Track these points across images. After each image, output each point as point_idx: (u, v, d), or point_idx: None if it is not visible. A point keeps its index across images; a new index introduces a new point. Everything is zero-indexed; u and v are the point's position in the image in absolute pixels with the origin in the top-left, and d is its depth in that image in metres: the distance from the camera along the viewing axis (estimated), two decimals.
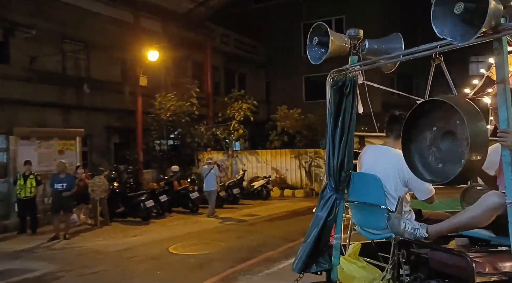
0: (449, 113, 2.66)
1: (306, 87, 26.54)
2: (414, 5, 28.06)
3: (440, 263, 2.69)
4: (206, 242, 9.60)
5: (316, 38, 3.51)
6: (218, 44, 22.45)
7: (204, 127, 18.02)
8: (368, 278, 2.95)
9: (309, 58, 3.65)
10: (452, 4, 2.36)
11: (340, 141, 3.37)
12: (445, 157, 2.72)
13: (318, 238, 3.41)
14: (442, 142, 2.75)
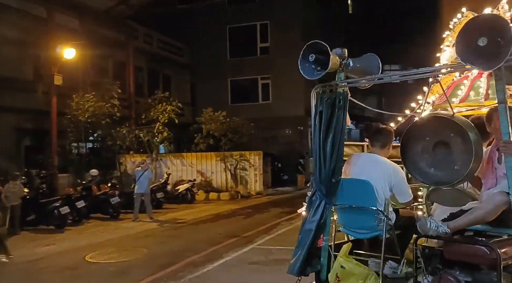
0: (442, 126, 3.24)
1: (232, 90, 26.66)
2: (335, 13, 29.49)
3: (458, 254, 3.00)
4: (126, 248, 9.20)
5: (313, 55, 3.76)
6: (141, 44, 21.77)
7: (126, 130, 17.34)
8: (364, 274, 3.30)
9: (303, 73, 3.88)
10: (475, 38, 2.75)
11: (332, 151, 3.54)
12: (437, 162, 3.29)
13: (312, 242, 3.59)
14: (434, 150, 3.30)
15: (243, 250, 8.79)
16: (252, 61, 26.01)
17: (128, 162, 18.69)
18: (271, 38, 25.63)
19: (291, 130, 25.29)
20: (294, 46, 25.72)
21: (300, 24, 25.09)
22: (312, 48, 3.77)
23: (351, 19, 32.05)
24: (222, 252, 8.63)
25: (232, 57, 26.38)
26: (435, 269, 3.11)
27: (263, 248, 8.93)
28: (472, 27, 2.82)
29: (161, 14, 24.71)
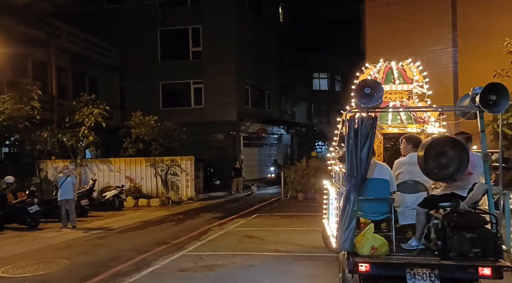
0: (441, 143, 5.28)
1: (163, 94, 26.08)
2: (266, 21, 30.01)
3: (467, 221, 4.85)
4: (45, 261, 8.53)
5: (369, 89, 4.98)
6: (65, 44, 20.55)
7: (47, 133, 16.25)
8: (386, 243, 5.16)
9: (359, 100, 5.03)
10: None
11: (366, 159, 5.02)
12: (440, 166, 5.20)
13: (355, 225, 5.01)
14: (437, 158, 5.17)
15: (172, 257, 8.54)
16: (184, 65, 25.66)
17: (50, 167, 17.56)
18: (204, 43, 25.47)
19: (223, 135, 25.25)
20: (227, 51, 26.08)
21: (232, 30, 25.21)
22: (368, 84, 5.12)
23: (282, 28, 32.81)
24: (150, 260, 8.31)
25: (163, 60, 25.83)
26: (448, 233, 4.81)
27: (194, 255, 8.74)
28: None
29: (89, 14, 23.62)
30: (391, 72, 7.46)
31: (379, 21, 18.09)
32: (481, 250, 4.73)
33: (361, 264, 4.91)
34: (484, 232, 4.80)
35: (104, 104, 17.40)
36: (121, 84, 25.72)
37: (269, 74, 29.67)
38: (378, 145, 7.05)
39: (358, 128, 5.00)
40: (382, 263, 5.00)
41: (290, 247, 9.17)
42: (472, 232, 4.75)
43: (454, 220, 4.82)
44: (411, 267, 4.85)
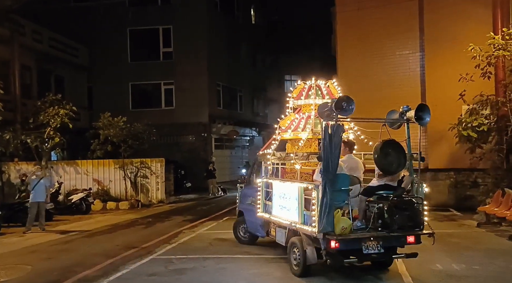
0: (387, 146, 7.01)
1: (133, 95, 25.58)
2: (238, 23, 29.95)
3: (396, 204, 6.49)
4: (6, 267, 8.16)
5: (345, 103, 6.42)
6: (29, 41, 19.83)
7: (10, 134, 15.61)
8: (350, 224, 6.44)
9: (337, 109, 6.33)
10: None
11: (337, 159, 6.31)
12: (391, 162, 6.92)
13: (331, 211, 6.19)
14: (386, 157, 6.93)
15: (141, 261, 8.33)
16: (154, 66, 25.26)
17: (12, 170, 16.88)
18: (175, 43, 25.14)
19: (195, 137, 24.98)
20: (199, 52, 25.84)
21: (203, 31, 25.01)
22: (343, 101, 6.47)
23: (254, 30, 32.83)
24: (118, 265, 8.07)
25: (133, 60, 25.34)
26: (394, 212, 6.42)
27: (164, 258, 8.55)
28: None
29: (55, 11, 22.90)
30: (319, 89, 8.57)
31: (349, 25, 18.32)
32: (412, 224, 6.58)
33: (333, 242, 6.19)
34: (414, 210, 6.60)
35: (71, 105, 16.89)
36: (89, 84, 25.07)
37: (241, 76, 29.61)
38: (315, 147, 8.06)
39: (332, 134, 6.22)
40: (348, 239, 6.34)
41: (262, 249, 9.10)
42: (408, 211, 6.52)
43: (398, 203, 6.51)
44: (365, 241, 6.39)
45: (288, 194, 7.34)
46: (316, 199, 6.36)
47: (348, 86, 18.82)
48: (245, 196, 9.70)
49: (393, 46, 17.60)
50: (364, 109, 17.73)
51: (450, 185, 16.24)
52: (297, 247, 7.02)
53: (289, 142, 8.43)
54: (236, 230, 9.91)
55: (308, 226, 6.61)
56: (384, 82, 17.71)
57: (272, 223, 8.18)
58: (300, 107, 8.64)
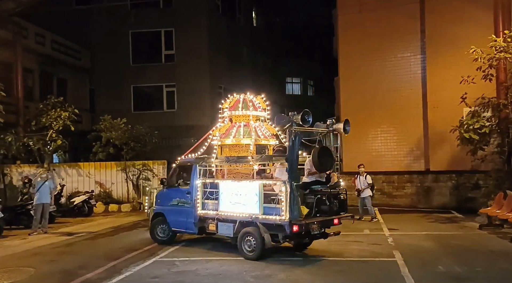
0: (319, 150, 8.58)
1: (135, 97, 25.60)
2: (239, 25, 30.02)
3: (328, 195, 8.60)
4: (9, 270, 8.17)
5: (307, 116, 8.28)
6: (32, 44, 19.91)
7: (12, 137, 15.66)
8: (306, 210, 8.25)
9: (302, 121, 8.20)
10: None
11: (297, 160, 8.18)
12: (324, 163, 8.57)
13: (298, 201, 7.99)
14: (320, 159, 8.45)
15: (144, 263, 8.34)
16: (156, 68, 25.29)
17: (15, 173, 16.91)
18: (176, 46, 25.18)
19: (197, 139, 24.90)
20: (200, 54, 25.86)
21: (205, 34, 25.04)
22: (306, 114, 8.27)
23: (255, 32, 32.89)
24: (121, 267, 8.09)
25: (135, 63, 25.37)
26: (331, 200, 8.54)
27: (167, 261, 8.57)
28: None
29: (58, 14, 22.95)
30: (245, 102, 9.74)
31: (351, 28, 18.36)
32: (340, 209, 8.68)
33: (295, 226, 7.83)
34: (341, 199, 8.76)
35: (73, 107, 16.95)
36: (91, 87, 25.11)
37: (243, 78, 29.63)
38: (252, 151, 9.37)
39: (295, 141, 7.99)
40: (304, 224, 7.98)
41: None
42: (337, 199, 8.66)
43: (333, 193, 8.63)
44: (311, 225, 8.21)
45: (244, 191, 8.56)
46: (285, 193, 7.86)
47: (349, 88, 18.95)
48: (167, 197, 10.27)
49: (394, 49, 17.65)
50: (365, 110, 17.94)
51: (452, 187, 16.25)
52: (251, 236, 8.40)
53: (227, 147, 9.62)
54: (154, 231, 10.33)
55: (273, 216, 8.10)
56: (385, 84, 17.75)
57: (210, 219, 9.23)
58: (232, 117, 9.84)
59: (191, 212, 9.62)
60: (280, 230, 8.08)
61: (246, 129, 9.57)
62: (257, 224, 8.38)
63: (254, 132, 9.47)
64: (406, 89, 17.45)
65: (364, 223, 12.71)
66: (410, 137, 17.24)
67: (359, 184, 13.27)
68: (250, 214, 8.42)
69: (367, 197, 13.20)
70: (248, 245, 8.47)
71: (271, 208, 8.14)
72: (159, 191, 10.80)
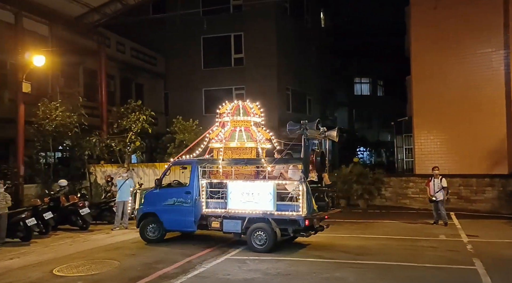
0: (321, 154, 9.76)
1: (206, 100, 26.52)
2: (307, 27, 29.94)
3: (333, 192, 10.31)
4: (96, 261, 8.89)
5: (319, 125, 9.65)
6: (113, 52, 21.42)
7: (96, 139, 16.92)
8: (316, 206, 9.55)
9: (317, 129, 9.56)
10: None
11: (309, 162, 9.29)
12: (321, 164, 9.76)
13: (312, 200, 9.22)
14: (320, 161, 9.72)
15: (217, 261, 8.67)
16: (226, 72, 26.00)
17: (98, 172, 18.23)
18: (245, 49, 25.72)
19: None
20: (269, 57, 26.12)
21: (273, 36, 25.32)
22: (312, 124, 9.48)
23: (323, 32, 32.61)
24: (195, 263, 8.47)
25: (206, 67, 26.29)
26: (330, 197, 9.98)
27: (238, 259, 8.83)
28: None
29: (135, 23, 24.44)
30: (240, 109, 10.60)
31: (425, 24, 17.63)
32: (332, 205, 9.99)
33: (307, 221, 8.88)
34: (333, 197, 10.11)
35: (150, 110, 17.91)
36: (165, 91, 26.42)
37: (310, 80, 29.53)
38: (255, 154, 10.38)
39: (308, 145, 9.16)
40: (313, 218, 9.15)
41: (334, 253, 9.09)
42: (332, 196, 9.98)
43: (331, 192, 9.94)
44: (315, 218, 9.25)
45: (257, 190, 9.34)
46: (302, 192, 8.84)
47: (423, 87, 18.18)
48: (161, 197, 10.60)
49: (473, 45, 16.68)
50: (440, 110, 17.11)
51: None
52: (262, 231, 9.30)
53: (230, 149, 10.32)
54: (144, 231, 10.70)
55: (289, 212, 8.99)
56: (462, 83, 16.83)
57: (213, 217, 9.85)
58: (226, 122, 10.67)
59: (190, 211, 10.15)
60: (293, 224, 9.11)
61: (247, 133, 10.45)
62: (268, 220, 9.24)
63: (256, 136, 10.41)
64: (486, 87, 16.41)
65: (439, 228, 12.15)
66: (491, 138, 16.16)
67: (433, 188, 12.69)
68: (263, 211, 9.26)
69: (440, 201, 12.60)
70: (258, 239, 9.31)
71: (286, 205, 9.06)
72: (149, 191, 11.12)
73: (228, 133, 10.45)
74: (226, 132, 10.48)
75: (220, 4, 24.69)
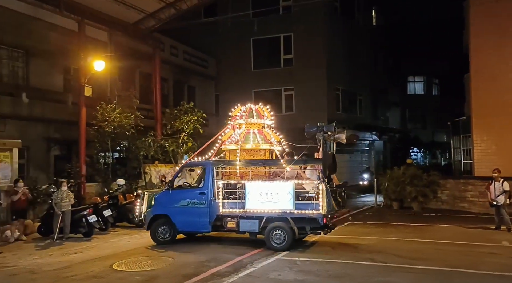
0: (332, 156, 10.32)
1: (255, 101, 26.66)
2: (358, 25, 29.39)
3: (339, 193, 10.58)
4: (152, 257, 9.27)
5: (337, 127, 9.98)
6: (167, 56, 22.15)
7: (151, 139, 17.57)
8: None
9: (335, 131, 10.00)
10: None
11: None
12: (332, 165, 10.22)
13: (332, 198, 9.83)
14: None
15: (267, 261, 8.74)
16: (275, 73, 26.12)
17: (153, 171, 18.89)
18: (295, 50, 25.70)
19: (314, 142, 25.05)
20: (318, 57, 25.97)
21: (323, 36, 25.13)
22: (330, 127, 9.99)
23: (374, 31, 31.86)
24: (246, 263, 8.59)
25: (255, 68, 26.56)
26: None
27: (288, 259, 8.86)
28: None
29: (187, 27, 25.13)
30: (252, 112, 10.93)
31: (486, 19, 16.79)
32: (342, 204, 10.57)
33: (325, 219, 9.31)
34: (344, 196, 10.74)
35: (201, 112, 18.33)
36: (216, 93, 26.95)
37: (361, 79, 28.98)
38: (268, 155, 10.82)
39: (326, 147, 9.72)
40: (331, 216, 9.71)
41: (386, 257, 8.88)
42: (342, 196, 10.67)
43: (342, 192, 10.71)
44: (331, 215, 9.77)
45: (276, 190, 9.60)
46: (322, 191, 9.22)
47: (482, 85, 17.30)
48: (173, 199, 10.60)
49: None
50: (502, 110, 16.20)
51: None
52: (281, 229, 9.58)
53: (245, 151, 10.58)
54: (155, 234, 10.65)
55: (308, 210, 9.32)
56: None
57: (229, 217, 10.00)
58: (240, 124, 10.94)
59: (205, 212, 10.22)
60: (311, 223, 9.44)
61: (261, 135, 10.77)
62: (287, 219, 9.52)
63: (270, 138, 10.88)
64: None
65: (502, 234, 11.50)
66: None
67: (494, 191, 12.01)
68: (282, 210, 9.55)
69: (501, 205, 11.91)
70: (277, 238, 9.59)
71: (305, 204, 9.40)
72: (160, 193, 11.07)
73: (242, 136, 10.66)
74: (241, 134, 10.68)
75: (270, 6, 24.81)
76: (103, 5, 16.23)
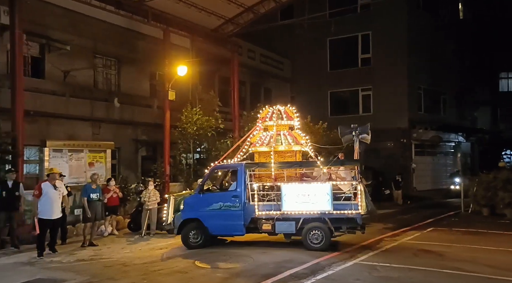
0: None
1: (331, 102, 26.45)
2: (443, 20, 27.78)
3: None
4: (233, 256, 9.58)
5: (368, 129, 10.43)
6: (245, 59, 22.67)
7: (230, 141, 18.12)
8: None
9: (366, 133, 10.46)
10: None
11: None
12: None
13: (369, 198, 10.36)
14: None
15: (345, 265, 8.64)
16: (352, 73, 25.59)
17: None
18: (373, 49, 24.98)
19: (393, 143, 24.22)
20: (398, 55, 25.04)
21: (404, 33, 24.15)
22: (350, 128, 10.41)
23: (461, 26, 29.90)
24: (324, 266, 8.56)
25: (332, 69, 26.23)
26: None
27: (367, 264, 8.68)
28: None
29: (263, 30, 25.51)
30: (280, 113, 11.09)
31: None
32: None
33: (361, 218, 9.58)
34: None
35: None
36: (291, 95, 27.05)
37: (445, 77, 27.36)
38: (299, 156, 10.99)
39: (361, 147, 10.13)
40: (365, 216, 9.73)
41: (476, 267, 8.35)
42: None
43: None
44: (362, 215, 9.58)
45: (313, 191, 9.71)
46: (360, 191, 9.50)
47: None
48: (205, 202, 10.48)
49: None
50: None
51: None
52: (318, 229, 9.76)
53: (277, 153, 10.64)
54: (186, 238, 10.48)
55: (347, 210, 9.57)
56: None
57: (264, 219, 10.03)
58: (271, 126, 11.03)
59: (239, 215, 10.20)
60: (348, 223, 9.70)
61: (291, 137, 10.88)
62: (324, 219, 9.73)
63: (300, 139, 11.05)
64: None
65: None
66: None
67: None
68: (320, 211, 9.72)
69: None
70: (315, 238, 9.79)
71: (343, 204, 9.64)
72: (189, 196, 10.85)
73: (273, 137, 10.78)
74: (272, 136, 10.79)
75: (348, 5, 24.35)
76: (186, 13, 17.06)
